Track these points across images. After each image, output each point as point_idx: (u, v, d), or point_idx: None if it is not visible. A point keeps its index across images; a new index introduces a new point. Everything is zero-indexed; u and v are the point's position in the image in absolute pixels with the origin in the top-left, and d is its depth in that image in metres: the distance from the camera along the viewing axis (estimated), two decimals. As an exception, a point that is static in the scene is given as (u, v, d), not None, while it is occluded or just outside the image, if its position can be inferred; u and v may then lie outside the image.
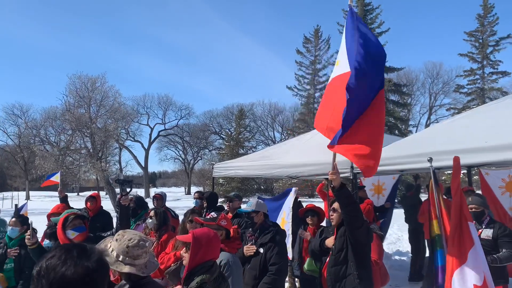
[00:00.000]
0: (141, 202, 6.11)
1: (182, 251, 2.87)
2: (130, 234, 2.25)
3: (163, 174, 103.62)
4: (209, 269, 2.58)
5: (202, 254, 2.58)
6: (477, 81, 37.24)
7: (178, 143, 61.20)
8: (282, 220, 6.01)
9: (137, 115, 51.41)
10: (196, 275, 2.53)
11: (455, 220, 2.76)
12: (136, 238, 2.21)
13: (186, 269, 2.61)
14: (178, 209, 23.57)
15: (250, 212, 4.08)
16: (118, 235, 2.25)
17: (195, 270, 2.56)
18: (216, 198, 6.42)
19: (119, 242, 2.19)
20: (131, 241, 2.18)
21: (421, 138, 5.66)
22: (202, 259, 2.57)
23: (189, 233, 2.71)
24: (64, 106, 32.61)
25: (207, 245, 2.61)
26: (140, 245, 2.19)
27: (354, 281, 3.39)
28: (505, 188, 7.06)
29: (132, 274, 2.16)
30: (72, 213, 3.88)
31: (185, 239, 2.70)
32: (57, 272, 1.31)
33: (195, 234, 2.63)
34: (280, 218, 6.26)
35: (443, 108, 48.27)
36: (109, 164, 33.15)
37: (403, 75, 42.37)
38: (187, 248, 2.67)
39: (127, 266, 2.13)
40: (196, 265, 2.57)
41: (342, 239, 3.51)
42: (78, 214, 3.90)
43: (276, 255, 3.79)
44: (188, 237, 2.66)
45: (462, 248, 2.73)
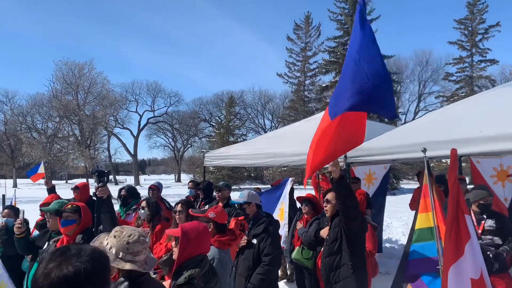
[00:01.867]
0: (133, 192, 5.98)
1: (172, 244, 2.78)
2: (129, 230, 2.16)
3: (152, 162, 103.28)
4: (199, 263, 2.49)
5: (191, 249, 2.49)
6: (466, 69, 37.44)
7: (167, 131, 60.81)
8: (281, 211, 5.95)
9: (125, 102, 50.76)
10: (185, 269, 2.45)
11: (452, 213, 2.72)
12: (136, 234, 2.12)
13: (175, 264, 2.53)
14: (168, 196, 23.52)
15: (242, 203, 4.01)
16: (116, 231, 2.15)
17: (184, 264, 2.48)
18: (212, 188, 6.34)
19: (118, 238, 2.10)
20: (132, 237, 2.09)
21: (414, 127, 5.62)
22: (191, 253, 2.49)
23: (178, 227, 2.63)
24: (51, 93, 32.17)
25: (196, 239, 2.52)
26: (141, 241, 2.11)
27: (348, 271, 3.37)
28: (496, 178, 7.07)
29: (132, 271, 2.08)
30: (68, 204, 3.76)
31: (173, 233, 2.61)
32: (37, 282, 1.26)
33: (183, 228, 2.54)
34: (279, 209, 6.19)
35: (432, 95, 48.70)
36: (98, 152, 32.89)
37: (393, 63, 42.42)
38: (176, 242, 2.58)
39: (128, 263, 2.05)
40: (185, 260, 2.48)
41: (337, 229, 3.48)
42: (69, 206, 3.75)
43: (269, 246, 3.76)
44: (177, 231, 2.57)
45: (459, 242, 2.70)
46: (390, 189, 26.86)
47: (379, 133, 5.96)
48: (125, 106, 50.68)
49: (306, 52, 40.73)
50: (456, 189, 2.72)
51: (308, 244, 3.97)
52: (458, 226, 2.71)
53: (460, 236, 2.70)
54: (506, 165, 6.93)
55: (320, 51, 39.02)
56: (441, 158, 5.17)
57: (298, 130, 7.41)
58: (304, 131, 6.98)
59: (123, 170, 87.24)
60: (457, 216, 2.71)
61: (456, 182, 2.75)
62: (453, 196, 2.72)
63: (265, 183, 38.32)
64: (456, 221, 2.71)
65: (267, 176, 37.70)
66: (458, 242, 2.70)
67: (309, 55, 40.70)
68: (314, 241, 3.80)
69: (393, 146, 4.90)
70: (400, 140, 4.91)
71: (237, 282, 3.86)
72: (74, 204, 3.66)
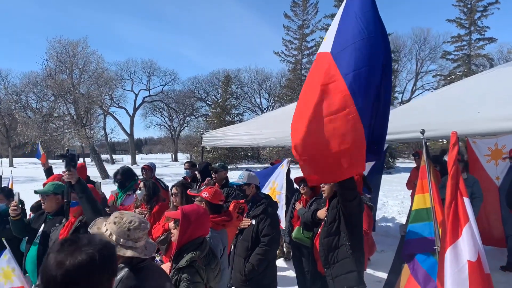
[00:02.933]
0: (129, 173, 5.91)
1: (171, 225, 2.79)
2: (129, 216, 2.12)
3: (149, 141, 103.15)
4: (199, 246, 2.52)
5: (191, 231, 2.51)
6: (464, 48, 37.13)
7: (163, 110, 60.52)
8: (272, 190, 6.00)
9: (121, 80, 50.27)
10: (186, 252, 2.47)
11: (451, 195, 2.74)
12: (137, 220, 2.10)
13: (175, 247, 2.54)
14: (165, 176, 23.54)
15: (242, 184, 4.03)
16: (116, 217, 2.10)
17: (184, 247, 2.50)
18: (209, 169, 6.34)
19: (119, 225, 2.06)
20: (132, 224, 2.06)
21: (412, 108, 5.61)
22: (191, 236, 2.51)
23: (178, 209, 2.63)
24: (44, 71, 31.60)
25: (196, 221, 2.54)
26: (142, 227, 2.09)
27: (346, 252, 3.41)
28: (490, 157, 7.13)
29: (133, 257, 2.05)
30: None
31: (173, 216, 2.62)
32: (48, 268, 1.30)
33: (184, 211, 2.55)
34: (268, 187, 6.24)
35: (429, 74, 48.49)
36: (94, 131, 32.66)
37: (391, 41, 41.85)
38: (176, 224, 2.59)
39: (129, 249, 2.03)
40: (186, 242, 2.50)
41: (335, 210, 3.50)
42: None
43: (268, 227, 3.79)
44: (177, 213, 2.58)
45: (457, 224, 2.72)
46: (386, 168, 27.02)
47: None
48: (121, 85, 50.23)
49: (304, 29, 40.19)
50: (456, 172, 2.73)
51: (305, 225, 4.00)
52: (456, 209, 2.73)
53: (458, 218, 2.73)
54: (500, 145, 6.98)
55: (317, 28, 38.54)
56: (439, 139, 5.17)
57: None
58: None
59: (120, 149, 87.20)
60: (456, 199, 2.73)
61: (456, 164, 2.75)
62: (453, 178, 2.74)
63: (262, 162, 38.45)
64: (455, 204, 2.73)
65: (264, 155, 37.80)
66: (456, 225, 2.72)
67: (306, 32, 40.18)
68: (311, 222, 3.84)
69: (391, 126, 4.87)
70: (398, 121, 4.89)
71: (236, 262, 3.91)
72: None
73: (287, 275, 6.26)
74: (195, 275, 2.38)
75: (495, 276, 5.55)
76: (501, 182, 6.94)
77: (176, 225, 2.58)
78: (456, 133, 2.91)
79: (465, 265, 2.66)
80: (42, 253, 3.61)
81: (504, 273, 6.17)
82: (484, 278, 2.65)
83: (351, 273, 3.38)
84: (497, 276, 5.81)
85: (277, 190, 6.01)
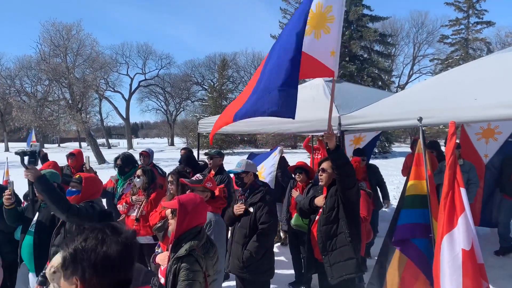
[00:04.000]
0: (130, 159, 5.89)
1: (168, 214, 2.81)
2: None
3: (145, 125, 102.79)
4: (197, 235, 2.54)
5: (188, 221, 2.53)
6: (461, 31, 36.93)
7: (159, 94, 60.10)
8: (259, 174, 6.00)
9: (116, 64, 49.81)
10: (184, 241, 2.49)
11: (448, 185, 2.76)
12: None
13: (173, 236, 2.56)
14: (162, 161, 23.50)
15: (240, 172, 4.04)
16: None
17: (182, 236, 2.52)
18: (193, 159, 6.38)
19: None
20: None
21: (409, 95, 5.60)
22: (189, 225, 2.53)
23: (175, 199, 2.64)
24: (38, 55, 31.24)
25: (194, 211, 2.55)
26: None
27: (345, 239, 3.45)
28: (481, 135, 7.18)
29: None
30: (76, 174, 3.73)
31: (171, 206, 2.62)
32: (98, 252, 1.33)
33: (181, 201, 2.56)
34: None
35: (426, 58, 48.31)
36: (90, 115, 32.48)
37: (388, 24, 41.67)
38: (173, 214, 2.60)
39: None
40: (183, 232, 2.52)
41: (334, 198, 3.52)
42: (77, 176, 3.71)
43: (266, 214, 3.80)
44: (174, 203, 2.59)
45: (453, 213, 2.75)
46: (382, 152, 27.14)
47: (374, 100, 5.94)
48: (116, 69, 49.82)
49: (300, 13, 39.70)
50: (454, 162, 2.75)
51: (301, 211, 4.03)
52: (453, 198, 2.75)
53: (454, 208, 2.76)
54: (494, 125, 7.01)
55: (314, 12, 38.08)
56: (436, 126, 5.17)
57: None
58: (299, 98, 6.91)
59: (116, 134, 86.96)
60: (453, 188, 2.76)
61: (454, 154, 2.77)
62: (451, 168, 2.75)
63: (259, 147, 38.47)
64: (452, 193, 2.76)
65: (261, 140, 37.78)
66: (452, 214, 2.75)
67: (303, 16, 39.70)
68: (308, 209, 3.86)
69: (388, 113, 4.88)
70: (395, 108, 4.89)
71: (233, 249, 3.94)
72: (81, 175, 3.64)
73: (283, 260, 6.34)
74: (194, 263, 2.40)
75: (489, 261, 5.66)
76: (489, 160, 7.04)
77: (174, 215, 2.59)
78: (454, 123, 2.91)
79: (459, 253, 2.70)
80: (38, 242, 3.61)
81: (498, 257, 6.27)
82: (476, 267, 2.69)
83: (350, 260, 3.42)
84: (491, 261, 5.91)
85: (262, 175, 6.03)
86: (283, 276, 5.56)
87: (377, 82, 28.18)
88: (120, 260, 1.35)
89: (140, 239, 4.59)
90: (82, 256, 1.33)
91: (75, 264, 1.33)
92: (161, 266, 2.91)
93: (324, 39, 3.56)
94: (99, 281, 1.33)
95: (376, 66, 28.15)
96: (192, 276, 2.37)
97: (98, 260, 1.32)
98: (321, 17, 3.51)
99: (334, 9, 3.52)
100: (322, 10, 3.50)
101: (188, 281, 2.35)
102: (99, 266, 1.32)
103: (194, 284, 2.37)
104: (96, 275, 1.32)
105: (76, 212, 3.21)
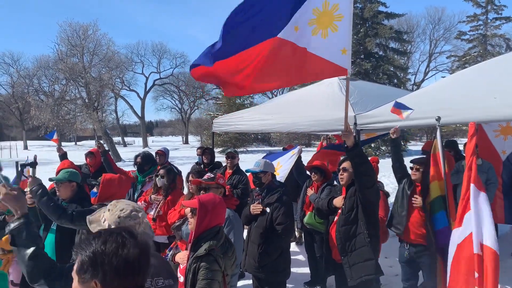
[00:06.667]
0: (150, 158, 5.99)
1: (187, 213, 2.84)
2: (123, 204, 2.13)
3: (160, 123, 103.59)
4: (216, 235, 2.57)
5: (208, 220, 2.56)
6: (479, 27, 36.26)
7: (174, 92, 60.50)
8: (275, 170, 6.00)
9: (131, 63, 50.31)
10: (203, 241, 2.52)
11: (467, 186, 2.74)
12: (129, 208, 2.10)
13: (193, 235, 2.60)
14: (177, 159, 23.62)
15: (258, 172, 4.06)
16: (111, 205, 2.13)
17: (201, 236, 2.55)
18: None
19: (111, 212, 2.08)
20: (123, 212, 2.07)
21: (426, 93, 5.53)
22: (208, 225, 2.56)
23: (195, 199, 2.68)
24: (56, 55, 31.77)
25: (213, 211, 2.58)
26: (132, 215, 2.08)
27: (364, 240, 3.44)
28: (499, 132, 7.07)
29: None
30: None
31: (191, 205, 2.67)
32: (119, 255, 1.34)
33: (201, 200, 2.60)
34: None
35: (443, 55, 47.48)
36: (105, 114, 32.94)
37: (404, 21, 41.12)
38: (193, 213, 2.64)
39: None
40: (203, 231, 2.56)
41: (353, 199, 3.51)
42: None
43: (283, 215, 3.80)
44: (194, 202, 2.63)
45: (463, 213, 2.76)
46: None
47: (388, 98, 5.89)
48: (131, 68, 50.33)
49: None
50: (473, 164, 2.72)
51: (318, 211, 4.02)
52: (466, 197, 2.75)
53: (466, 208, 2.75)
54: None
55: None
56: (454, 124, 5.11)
57: (307, 95, 7.32)
58: (313, 96, 6.90)
59: (131, 132, 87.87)
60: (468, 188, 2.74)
61: (474, 154, 2.74)
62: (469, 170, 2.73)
63: (272, 145, 38.45)
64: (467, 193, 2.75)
65: (274, 138, 37.76)
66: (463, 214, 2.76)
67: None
68: (327, 210, 3.85)
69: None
70: (413, 107, 4.84)
71: (249, 248, 3.97)
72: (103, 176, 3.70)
73: (298, 259, 6.34)
74: (213, 263, 2.44)
75: (507, 262, 5.56)
76: (507, 156, 6.93)
77: (193, 214, 2.63)
78: (474, 124, 2.88)
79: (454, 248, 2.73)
80: (60, 240, 3.69)
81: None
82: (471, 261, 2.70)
83: (369, 261, 3.41)
84: (509, 262, 5.81)
85: (278, 171, 6.02)
86: (298, 275, 5.57)
87: (392, 80, 27.88)
88: (139, 263, 1.37)
89: (156, 238, 4.67)
90: (103, 260, 1.33)
91: (94, 267, 1.33)
92: (180, 265, 2.97)
93: (332, 37, 3.54)
94: (120, 283, 1.34)
95: (391, 63, 27.86)
96: (211, 276, 2.40)
97: (120, 264, 1.33)
98: (327, 16, 3.51)
99: (341, 7, 3.50)
100: (328, 8, 3.50)
101: (207, 280, 2.39)
102: (121, 270, 1.33)
103: (213, 283, 2.40)
104: (118, 278, 1.34)
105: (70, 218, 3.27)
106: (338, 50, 3.56)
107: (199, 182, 3.78)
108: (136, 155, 6.00)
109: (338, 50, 3.56)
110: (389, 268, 5.63)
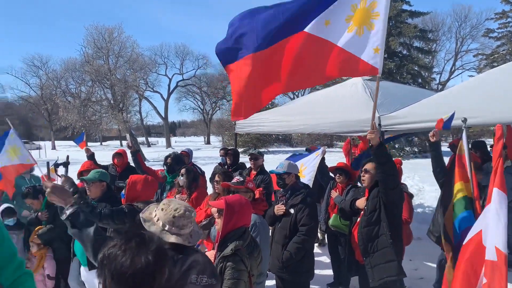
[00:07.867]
0: (178, 159, 6.15)
1: (214, 213, 2.90)
2: (176, 203, 2.20)
3: (182, 124, 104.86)
4: (242, 235, 2.63)
5: (234, 221, 2.62)
6: (508, 25, 35.22)
7: (196, 93, 61.11)
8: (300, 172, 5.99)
9: (155, 65, 51.09)
10: (229, 241, 2.59)
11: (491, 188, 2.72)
12: (182, 208, 2.16)
13: (220, 235, 2.67)
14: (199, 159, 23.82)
15: (282, 173, 4.09)
16: (163, 204, 2.20)
17: (228, 236, 2.62)
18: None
19: (165, 211, 2.14)
20: (177, 211, 2.13)
21: (452, 94, 5.45)
22: (234, 225, 2.62)
23: (222, 200, 2.75)
24: (83, 57, 32.65)
25: (240, 212, 2.64)
26: (186, 215, 2.15)
27: (387, 241, 3.44)
28: None
29: (177, 243, 2.10)
30: None
31: (218, 206, 2.73)
32: (117, 262, 1.31)
33: (227, 201, 2.66)
34: None
35: (469, 53, 46.20)
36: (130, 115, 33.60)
37: (429, 19, 40.28)
38: (219, 213, 2.71)
39: (174, 236, 2.09)
40: (229, 232, 2.62)
41: (375, 200, 3.51)
42: None
43: (307, 217, 3.83)
44: (221, 203, 2.69)
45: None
46: (422, 152, 26.35)
47: (413, 98, 5.82)
48: (155, 69, 51.09)
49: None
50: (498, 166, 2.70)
51: (342, 212, 4.03)
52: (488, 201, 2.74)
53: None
54: None
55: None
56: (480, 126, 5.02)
57: (330, 95, 7.30)
58: (336, 96, 6.88)
59: (155, 132, 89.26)
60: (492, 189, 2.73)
61: (500, 156, 2.72)
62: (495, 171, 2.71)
63: (294, 145, 38.35)
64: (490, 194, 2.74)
65: (296, 139, 37.66)
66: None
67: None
68: (350, 211, 3.86)
69: (430, 113, 4.79)
70: (438, 108, 4.79)
71: (273, 249, 4.01)
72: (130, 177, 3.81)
73: (321, 261, 6.34)
74: (239, 263, 2.49)
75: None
76: None
77: (220, 214, 2.70)
78: (501, 126, 2.85)
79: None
80: None
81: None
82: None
83: (392, 263, 3.40)
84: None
85: (303, 173, 6.02)
86: (321, 276, 5.58)
87: (417, 80, 27.38)
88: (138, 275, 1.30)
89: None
90: (105, 263, 1.34)
91: (101, 268, 1.36)
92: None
93: (366, 35, 3.47)
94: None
95: (416, 63, 27.34)
96: (238, 275, 2.46)
97: (115, 271, 1.31)
98: (365, 13, 3.44)
99: (379, 5, 3.41)
100: (366, 5, 3.43)
101: (233, 279, 2.45)
102: (115, 277, 1.31)
103: (239, 283, 2.46)
104: (113, 284, 1.31)
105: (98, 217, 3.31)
106: (371, 49, 3.48)
107: (228, 185, 3.79)
108: (166, 156, 6.19)
109: (371, 48, 3.48)
110: (413, 271, 5.57)
